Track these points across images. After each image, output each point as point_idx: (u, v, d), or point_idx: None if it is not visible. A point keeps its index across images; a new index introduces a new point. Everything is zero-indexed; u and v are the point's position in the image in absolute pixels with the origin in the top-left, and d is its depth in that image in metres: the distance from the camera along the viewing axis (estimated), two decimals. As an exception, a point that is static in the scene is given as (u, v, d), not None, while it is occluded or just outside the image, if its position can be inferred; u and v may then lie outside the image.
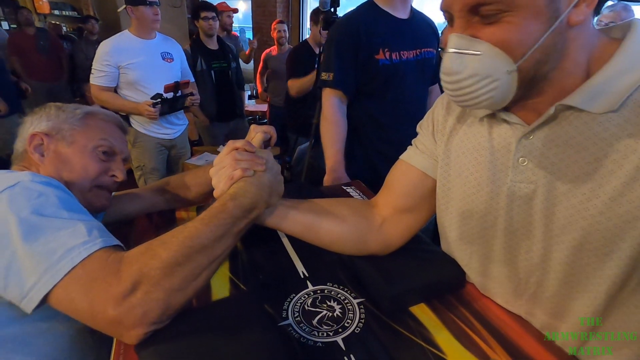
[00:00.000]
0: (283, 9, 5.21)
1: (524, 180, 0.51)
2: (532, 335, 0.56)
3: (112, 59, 1.83)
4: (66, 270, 0.46)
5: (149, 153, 2.05)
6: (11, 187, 0.52)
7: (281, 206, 0.62)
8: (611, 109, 0.43)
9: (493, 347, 0.53)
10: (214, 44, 2.44)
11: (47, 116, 0.71)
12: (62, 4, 7.21)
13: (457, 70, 0.46)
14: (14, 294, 0.47)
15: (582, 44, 0.44)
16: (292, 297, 0.62)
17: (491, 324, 0.58)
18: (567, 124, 0.46)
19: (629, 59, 0.43)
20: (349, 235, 0.65)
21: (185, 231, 0.49)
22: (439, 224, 0.67)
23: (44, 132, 0.69)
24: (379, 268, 0.63)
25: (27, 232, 0.48)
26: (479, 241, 0.60)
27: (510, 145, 0.52)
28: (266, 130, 0.67)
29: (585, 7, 0.41)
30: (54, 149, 0.68)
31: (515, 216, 0.53)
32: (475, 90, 0.45)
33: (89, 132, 0.72)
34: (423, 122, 0.69)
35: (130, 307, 0.44)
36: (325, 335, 0.55)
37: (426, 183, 0.66)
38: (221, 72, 2.45)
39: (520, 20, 0.41)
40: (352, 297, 0.63)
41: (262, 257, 0.74)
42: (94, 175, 0.70)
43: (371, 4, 1.25)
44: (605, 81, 0.43)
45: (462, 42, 0.45)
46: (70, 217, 0.52)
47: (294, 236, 0.65)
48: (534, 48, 0.42)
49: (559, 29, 0.42)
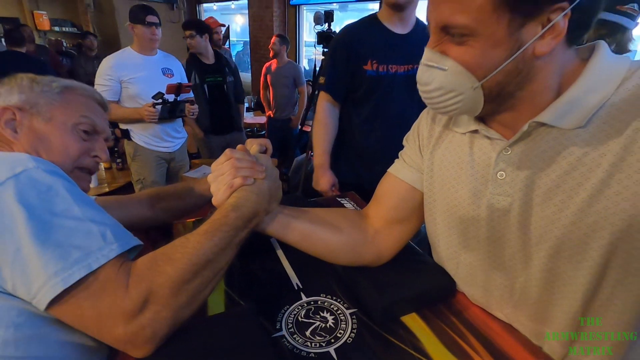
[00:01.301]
0: (280, 23, 5.30)
1: (502, 193, 0.53)
2: (520, 343, 0.57)
3: (115, 73, 1.89)
4: (80, 276, 0.45)
5: (149, 166, 2.07)
6: (16, 176, 0.48)
7: (281, 214, 0.62)
8: (579, 125, 0.46)
9: (482, 355, 0.55)
10: (209, 59, 2.48)
11: (20, 88, 0.63)
12: (62, 20, 7.32)
13: (426, 82, 0.50)
14: (22, 292, 0.46)
15: (552, 69, 0.47)
16: (286, 309, 0.64)
17: (480, 333, 0.59)
18: (540, 139, 0.49)
19: (593, 80, 0.46)
20: (344, 247, 0.66)
21: (190, 246, 0.49)
22: (429, 235, 0.69)
23: (17, 107, 0.61)
24: (371, 279, 0.65)
25: (37, 230, 0.45)
26: (464, 251, 0.62)
27: (490, 160, 0.55)
28: (262, 143, 0.68)
29: (551, 39, 0.43)
30: (28, 124, 0.61)
31: (496, 226, 0.56)
32: (443, 101, 0.50)
33: (69, 108, 0.65)
34: (409, 135, 0.72)
35: (140, 327, 0.44)
36: (318, 346, 0.56)
37: (414, 195, 0.68)
38: (215, 86, 2.48)
39: (482, 46, 0.45)
40: (344, 307, 0.64)
41: (257, 270, 0.75)
42: (75, 155, 0.64)
43: (373, 17, 1.32)
44: (573, 100, 0.46)
45: (433, 57, 0.49)
46: (83, 216, 0.49)
47: (292, 245, 0.65)
48: (495, 72, 0.45)
49: (523, 57, 0.45)
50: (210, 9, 6.96)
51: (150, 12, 1.96)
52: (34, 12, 6.97)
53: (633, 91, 0.44)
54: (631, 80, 0.44)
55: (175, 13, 4.70)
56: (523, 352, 0.55)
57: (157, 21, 1.98)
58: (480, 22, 0.43)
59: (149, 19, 1.93)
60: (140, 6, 1.98)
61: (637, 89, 0.44)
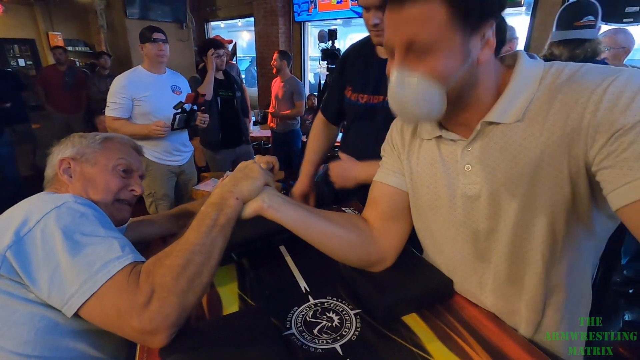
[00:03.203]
0: (285, 39, 5.46)
1: (471, 182, 0.63)
2: (513, 339, 0.61)
3: (128, 92, 1.99)
4: (103, 281, 0.54)
5: (159, 180, 2.15)
6: (58, 207, 0.61)
7: (301, 211, 0.67)
8: (518, 119, 0.57)
9: (478, 352, 0.59)
10: (220, 74, 2.59)
11: (72, 144, 0.81)
12: (76, 40, 7.62)
13: (399, 96, 0.58)
14: (56, 300, 0.56)
15: (489, 74, 0.59)
16: (294, 310, 0.69)
17: (477, 331, 0.63)
18: (492, 134, 0.60)
19: (520, 82, 0.58)
20: (354, 245, 0.71)
21: (181, 241, 0.59)
22: (417, 231, 0.77)
23: (71, 157, 0.79)
24: (373, 281, 0.70)
25: (70, 247, 0.57)
26: (445, 241, 0.70)
27: (457, 157, 0.65)
28: (269, 160, 0.76)
29: (487, 49, 0.55)
30: (79, 170, 0.78)
31: (470, 212, 0.65)
32: (416, 110, 0.58)
33: (109, 153, 0.82)
34: (385, 145, 0.82)
35: (151, 314, 0.52)
36: (325, 343, 0.61)
37: (403, 196, 0.75)
38: (227, 101, 2.58)
39: (442, 58, 0.53)
40: (349, 308, 0.69)
41: (268, 275, 0.81)
42: (115, 189, 0.79)
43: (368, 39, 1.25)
44: (509, 100, 0.58)
45: (401, 75, 0.56)
46: (107, 235, 0.61)
47: (309, 241, 0.68)
48: (454, 79, 0.55)
49: (471, 65, 0.55)
50: (218, 26, 7.18)
51: (156, 30, 2.07)
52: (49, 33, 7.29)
53: (548, 86, 0.56)
54: (546, 78, 0.56)
55: (184, 32, 4.87)
56: (516, 348, 0.59)
57: (164, 38, 2.09)
58: (440, 38, 0.52)
59: (155, 36, 2.04)
60: (147, 27, 2.11)
61: (550, 84, 0.56)
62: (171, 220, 0.99)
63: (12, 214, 0.63)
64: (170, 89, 2.15)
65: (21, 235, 0.58)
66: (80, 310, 0.55)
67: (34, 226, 0.59)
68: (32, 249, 0.57)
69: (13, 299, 0.58)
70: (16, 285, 0.58)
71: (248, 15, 5.87)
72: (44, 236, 0.58)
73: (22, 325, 0.58)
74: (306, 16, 5.18)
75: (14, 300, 0.58)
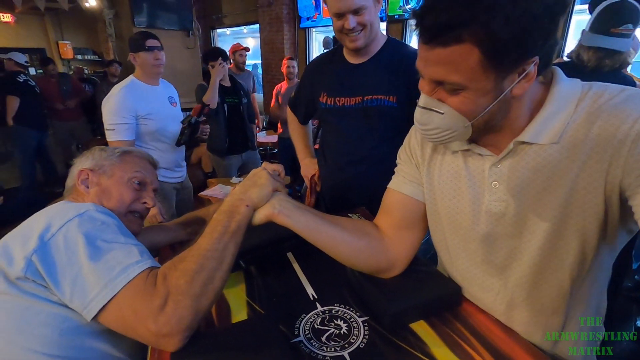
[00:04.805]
0: (290, 45, 5.50)
1: (497, 199, 0.62)
2: (523, 348, 0.61)
3: (133, 109, 1.74)
4: (123, 284, 0.56)
5: (168, 200, 2.02)
6: (80, 215, 0.64)
7: (312, 217, 0.68)
8: (553, 141, 0.56)
9: (486, 359, 0.59)
10: (227, 81, 2.62)
11: (92, 156, 0.86)
12: (85, 49, 7.77)
13: (425, 123, 0.59)
14: (77, 304, 0.58)
15: (524, 101, 0.58)
16: (303, 317, 0.69)
17: (485, 339, 0.63)
18: (524, 154, 0.59)
19: (556, 104, 0.57)
20: (364, 252, 0.72)
21: (194, 247, 0.61)
22: (435, 243, 0.76)
23: (89, 168, 0.83)
24: (381, 288, 0.70)
25: (92, 252, 0.59)
26: (464, 254, 0.70)
27: (484, 172, 0.64)
28: (275, 169, 0.77)
29: (525, 82, 0.52)
30: (96, 181, 0.82)
31: (494, 229, 0.64)
32: (440, 137, 0.60)
33: (126, 166, 0.85)
34: (401, 153, 0.80)
35: (167, 317, 0.54)
36: (333, 350, 0.61)
37: (418, 206, 0.75)
38: (233, 107, 2.61)
39: (473, 96, 0.53)
40: (357, 315, 0.69)
41: (275, 282, 0.82)
42: (128, 201, 0.82)
43: (336, 49, 1.37)
44: (544, 121, 0.57)
45: (430, 102, 0.57)
46: (126, 242, 0.64)
47: (319, 247, 0.69)
48: (483, 113, 0.55)
49: (504, 99, 0.54)
50: (224, 34, 7.27)
51: (150, 36, 1.81)
52: (58, 42, 7.44)
53: (587, 109, 0.55)
54: (584, 100, 0.55)
55: (191, 40, 4.93)
56: (525, 356, 0.59)
57: (159, 44, 1.82)
58: (471, 80, 0.51)
59: (150, 43, 1.78)
60: (138, 33, 1.85)
61: (589, 108, 0.55)
62: (180, 228, 1.01)
63: (34, 220, 0.66)
64: (168, 100, 1.95)
65: (45, 240, 0.61)
66: (99, 314, 0.57)
67: (56, 232, 0.61)
68: (56, 253, 0.60)
69: (38, 300, 0.61)
70: (40, 287, 0.61)
71: (253, 22, 5.94)
72: (66, 241, 0.60)
73: (47, 326, 0.61)
74: (311, 22, 5.23)
75: (39, 301, 0.61)
